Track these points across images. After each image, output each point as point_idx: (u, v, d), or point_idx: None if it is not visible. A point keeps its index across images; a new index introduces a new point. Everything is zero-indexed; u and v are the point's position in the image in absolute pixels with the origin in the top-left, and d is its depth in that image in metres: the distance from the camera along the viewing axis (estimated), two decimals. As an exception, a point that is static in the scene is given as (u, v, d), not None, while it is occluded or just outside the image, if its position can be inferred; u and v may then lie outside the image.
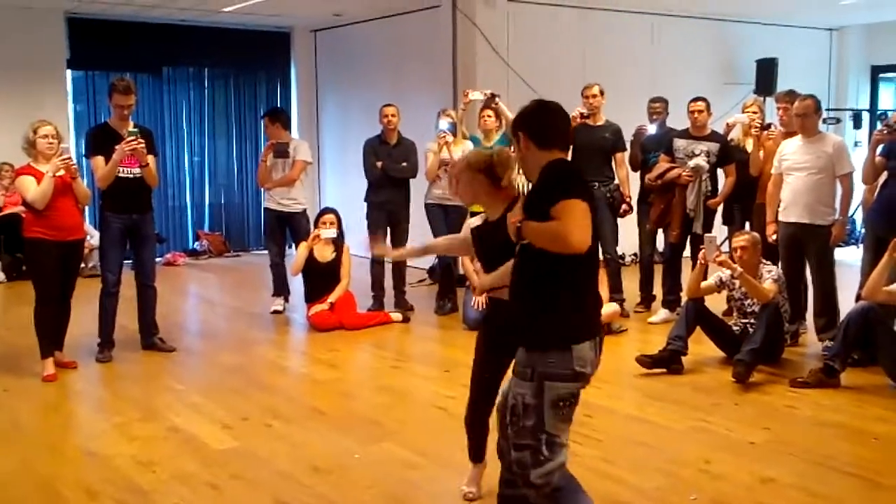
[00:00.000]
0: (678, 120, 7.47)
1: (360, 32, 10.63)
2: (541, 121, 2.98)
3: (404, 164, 7.35)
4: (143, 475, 4.07)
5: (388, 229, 7.50)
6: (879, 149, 5.81)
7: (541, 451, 2.86)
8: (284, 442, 4.52)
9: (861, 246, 6.12)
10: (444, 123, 7.23)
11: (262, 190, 7.98)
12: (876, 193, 5.97)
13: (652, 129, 7.48)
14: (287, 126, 7.97)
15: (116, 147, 5.81)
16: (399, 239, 7.52)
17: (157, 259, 7.83)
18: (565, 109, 3.07)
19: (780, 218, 6.17)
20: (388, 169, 7.31)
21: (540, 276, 2.87)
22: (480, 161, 3.51)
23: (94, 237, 8.39)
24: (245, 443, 4.50)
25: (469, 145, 7.37)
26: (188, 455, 4.32)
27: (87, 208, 8.38)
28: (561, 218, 2.73)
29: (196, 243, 11.24)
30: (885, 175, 5.83)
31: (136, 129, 5.89)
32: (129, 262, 6.25)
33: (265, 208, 7.82)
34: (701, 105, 6.97)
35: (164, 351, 6.31)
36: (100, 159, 5.91)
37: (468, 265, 7.03)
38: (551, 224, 2.75)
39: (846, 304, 5.84)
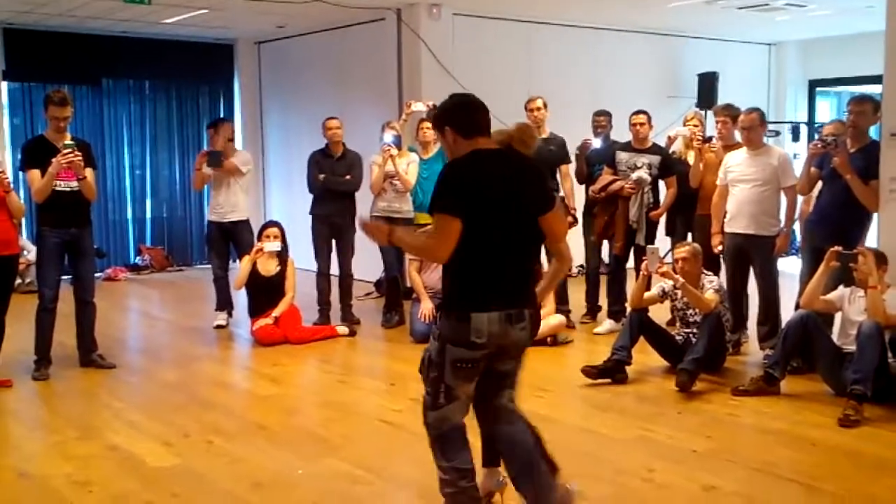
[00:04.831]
0: (621, 133, 7.56)
1: (305, 44, 10.58)
2: (463, 114, 3.32)
3: (347, 176, 7.31)
4: (80, 496, 3.97)
5: (334, 242, 7.46)
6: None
7: (439, 398, 3.27)
8: (226, 458, 4.44)
9: (800, 256, 6.23)
10: (389, 136, 7.20)
11: (205, 202, 7.87)
12: (812, 204, 6.10)
13: (597, 142, 7.54)
14: (232, 136, 7.88)
15: (52, 160, 5.69)
16: (345, 252, 7.49)
17: (98, 274, 7.67)
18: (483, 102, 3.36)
19: (726, 229, 6.26)
20: (330, 182, 7.27)
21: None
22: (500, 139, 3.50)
23: (30, 252, 8.19)
24: (186, 460, 4.41)
25: (414, 157, 7.38)
26: (127, 474, 4.22)
27: (24, 223, 8.23)
28: (433, 232, 3.23)
29: (138, 258, 11.04)
30: (819, 185, 5.96)
31: (72, 142, 5.77)
32: (68, 277, 6.12)
33: (208, 221, 7.72)
34: (642, 118, 7.05)
35: (103, 368, 6.17)
36: (35, 173, 5.77)
37: (416, 277, 7.03)
38: (419, 239, 3.48)
39: (788, 313, 5.94)
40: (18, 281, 9.08)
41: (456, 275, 3.25)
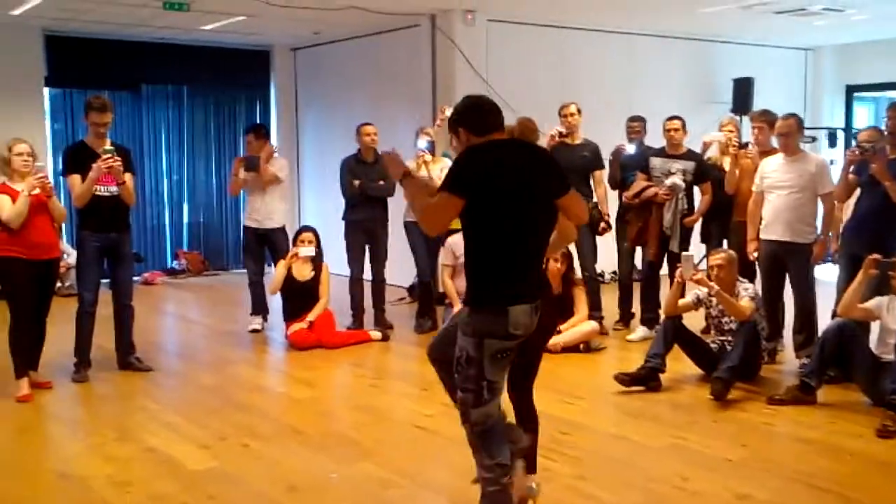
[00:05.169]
0: (655, 139, 7.53)
1: (340, 51, 10.67)
2: (475, 115, 3.40)
3: (381, 182, 7.35)
4: (118, 497, 4.03)
5: (368, 248, 7.50)
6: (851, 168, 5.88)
7: (482, 394, 3.28)
8: (261, 462, 4.49)
9: (837, 263, 6.17)
10: (423, 142, 7.24)
11: (242, 208, 7.94)
12: (851, 211, 6.04)
13: (631, 148, 7.52)
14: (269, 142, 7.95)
15: (93, 165, 5.79)
16: (379, 257, 7.53)
17: (135, 278, 7.78)
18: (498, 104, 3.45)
19: (762, 235, 6.20)
20: (366, 187, 7.31)
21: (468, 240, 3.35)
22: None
23: (71, 256, 8.34)
24: (222, 463, 4.47)
25: (448, 163, 7.40)
26: (165, 476, 4.29)
27: (64, 227, 8.36)
28: (433, 202, 3.27)
29: (175, 262, 11.18)
30: (858, 192, 5.90)
31: (112, 147, 5.87)
32: (107, 281, 6.22)
33: (244, 226, 7.80)
34: (677, 124, 7.02)
35: (141, 370, 6.26)
36: (76, 178, 5.87)
37: (448, 283, 7.06)
38: (420, 199, 3.36)
39: (825, 321, 5.88)
40: (59, 284, 9.27)
41: (486, 269, 3.29)
